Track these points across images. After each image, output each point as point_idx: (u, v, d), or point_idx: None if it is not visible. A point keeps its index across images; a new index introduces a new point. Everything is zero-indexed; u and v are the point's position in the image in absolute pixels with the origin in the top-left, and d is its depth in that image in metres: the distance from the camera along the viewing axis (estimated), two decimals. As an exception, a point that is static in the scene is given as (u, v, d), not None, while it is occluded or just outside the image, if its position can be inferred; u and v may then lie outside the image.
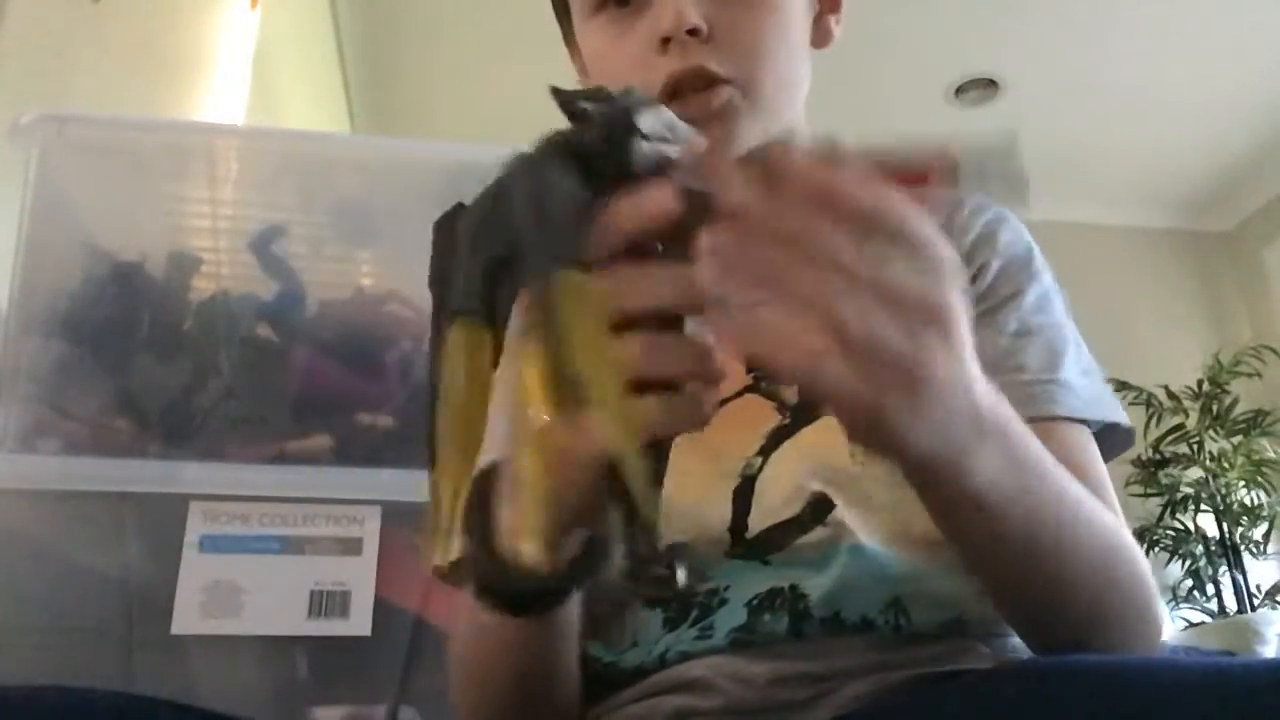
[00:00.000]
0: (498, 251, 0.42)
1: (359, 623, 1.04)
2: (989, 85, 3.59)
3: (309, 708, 1.06)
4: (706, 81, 0.67)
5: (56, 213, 1.15)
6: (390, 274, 1.29)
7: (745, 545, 0.64)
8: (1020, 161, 0.41)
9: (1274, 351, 3.86)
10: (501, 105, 3.56)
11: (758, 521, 0.64)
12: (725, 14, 0.68)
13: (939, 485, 0.46)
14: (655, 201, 0.41)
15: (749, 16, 0.69)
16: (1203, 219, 4.42)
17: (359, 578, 1.05)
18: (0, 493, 1.03)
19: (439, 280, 0.46)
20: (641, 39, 0.69)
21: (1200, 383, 3.83)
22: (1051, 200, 4.21)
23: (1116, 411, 0.68)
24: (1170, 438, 3.78)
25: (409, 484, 1.05)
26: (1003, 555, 0.51)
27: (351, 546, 1.06)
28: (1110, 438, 0.69)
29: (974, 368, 0.42)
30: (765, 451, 0.66)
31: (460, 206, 0.45)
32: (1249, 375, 3.81)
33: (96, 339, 1.14)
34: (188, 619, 1.01)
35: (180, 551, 1.03)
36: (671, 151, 0.43)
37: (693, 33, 0.67)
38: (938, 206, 0.42)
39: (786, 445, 0.66)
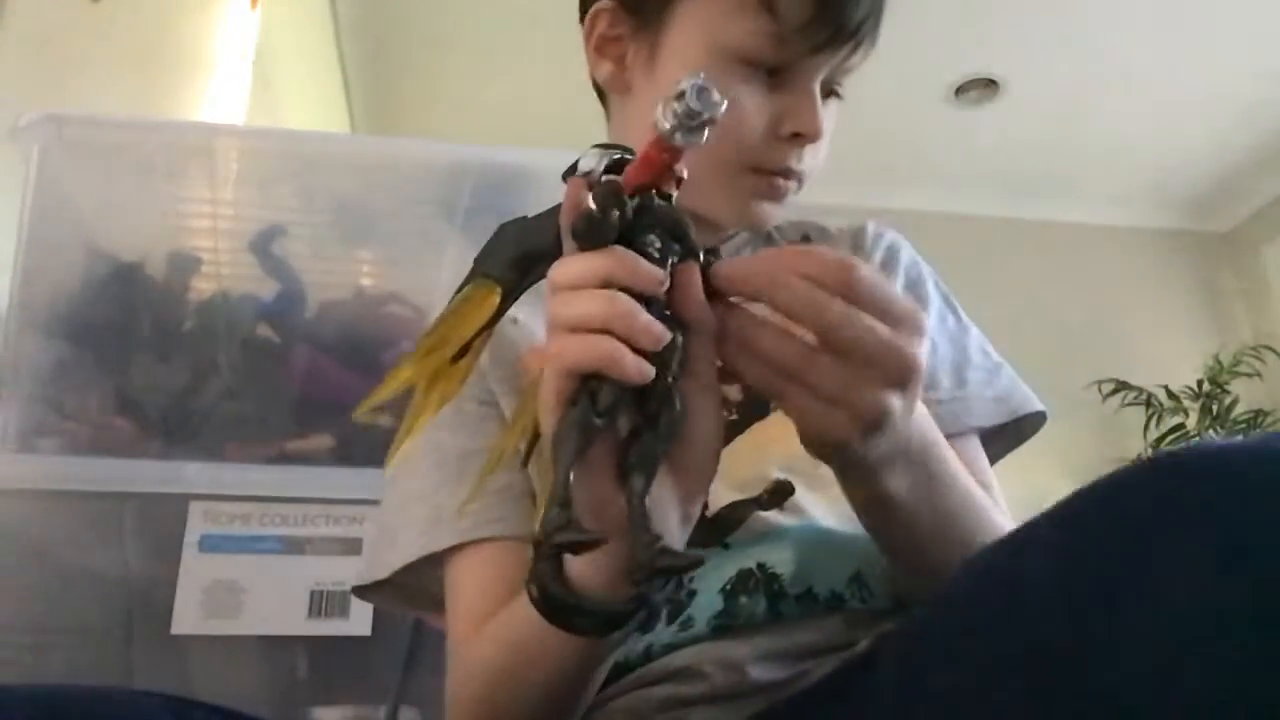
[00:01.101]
0: (537, 246, 0.51)
1: (359, 623, 1.04)
2: (989, 85, 3.58)
3: (309, 708, 1.06)
4: (790, 175, 0.74)
5: (56, 213, 1.15)
6: (390, 274, 1.29)
7: (704, 528, 0.65)
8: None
9: (1274, 351, 3.86)
10: (501, 105, 3.55)
11: (712, 505, 0.65)
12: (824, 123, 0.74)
13: (861, 487, 0.56)
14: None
15: (829, 126, 0.74)
16: (1203, 219, 4.41)
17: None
18: (0, 493, 1.03)
19: (483, 254, 0.55)
20: (766, 114, 0.71)
21: (1200, 383, 3.83)
22: (1051, 200, 4.21)
23: (1023, 400, 0.77)
24: (1170, 438, 3.77)
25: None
26: (910, 545, 0.60)
27: (351, 546, 1.06)
28: (1028, 420, 0.77)
29: (918, 408, 0.50)
30: None
31: (524, 217, 0.55)
32: (1249, 375, 3.81)
33: (96, 339, 1.14)
34: (188, 619, 1.01)
35: (180, 551, 1.03)
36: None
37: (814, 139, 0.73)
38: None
39: (740, 440, 0.69)
